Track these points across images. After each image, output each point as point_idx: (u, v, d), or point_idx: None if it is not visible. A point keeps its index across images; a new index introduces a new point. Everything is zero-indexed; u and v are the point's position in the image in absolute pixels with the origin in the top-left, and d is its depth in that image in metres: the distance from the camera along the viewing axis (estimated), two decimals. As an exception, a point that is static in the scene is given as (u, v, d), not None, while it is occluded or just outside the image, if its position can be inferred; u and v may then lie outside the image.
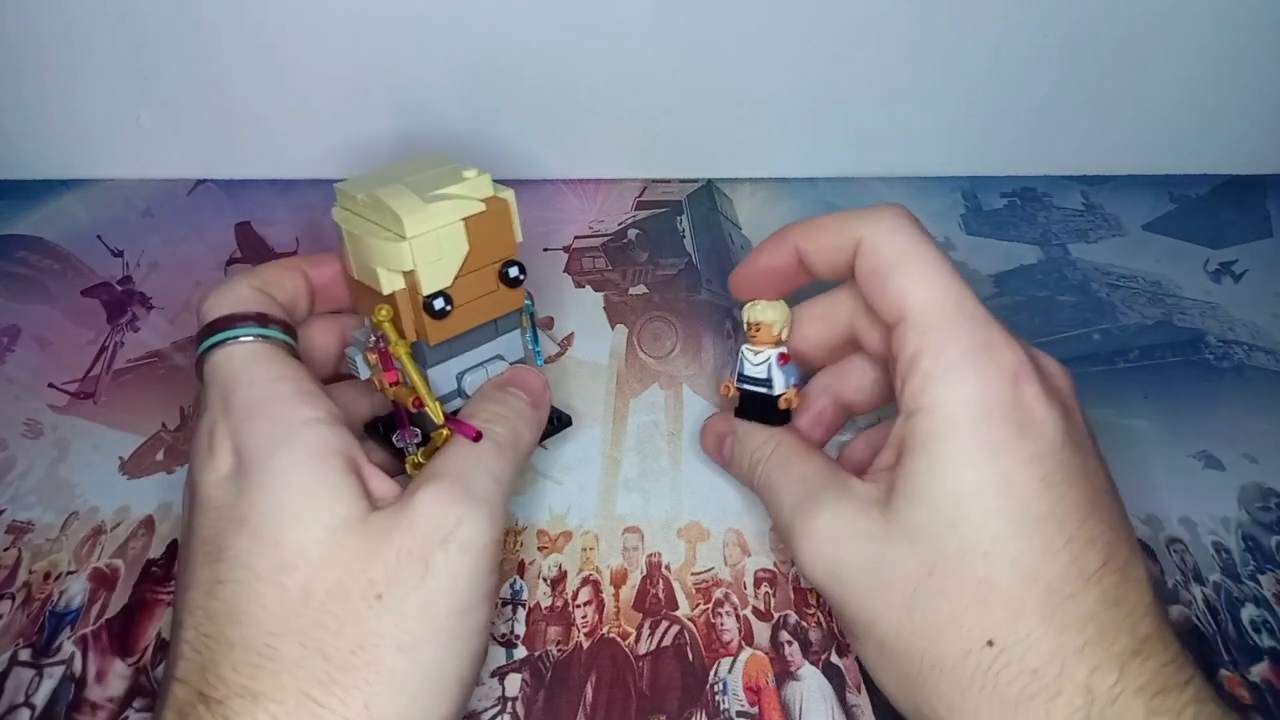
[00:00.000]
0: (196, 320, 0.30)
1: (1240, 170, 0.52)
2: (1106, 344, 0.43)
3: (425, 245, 0.28)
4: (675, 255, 0.47)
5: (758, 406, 0.33)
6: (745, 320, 0.33)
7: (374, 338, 0.31)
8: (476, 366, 0.33)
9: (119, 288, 0.45)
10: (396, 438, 0.31)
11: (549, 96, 0.48)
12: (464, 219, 0.29)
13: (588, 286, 0.46)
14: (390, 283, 0.29)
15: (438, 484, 0.27)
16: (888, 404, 0.34)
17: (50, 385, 0.41)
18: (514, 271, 0.31)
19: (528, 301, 0.33)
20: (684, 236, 0.49)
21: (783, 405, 0.32)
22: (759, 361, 0.33)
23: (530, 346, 0.35)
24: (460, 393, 0.33)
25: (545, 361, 0.41)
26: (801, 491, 0.29)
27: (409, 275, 0.29)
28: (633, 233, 0.49)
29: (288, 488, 0.26)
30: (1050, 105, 0.49)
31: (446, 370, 0.32)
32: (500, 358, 0.33)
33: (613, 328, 0.44)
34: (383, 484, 0.28)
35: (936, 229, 0.48)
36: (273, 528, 0.25)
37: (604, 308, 0.45)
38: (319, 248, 0.48)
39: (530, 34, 0.45)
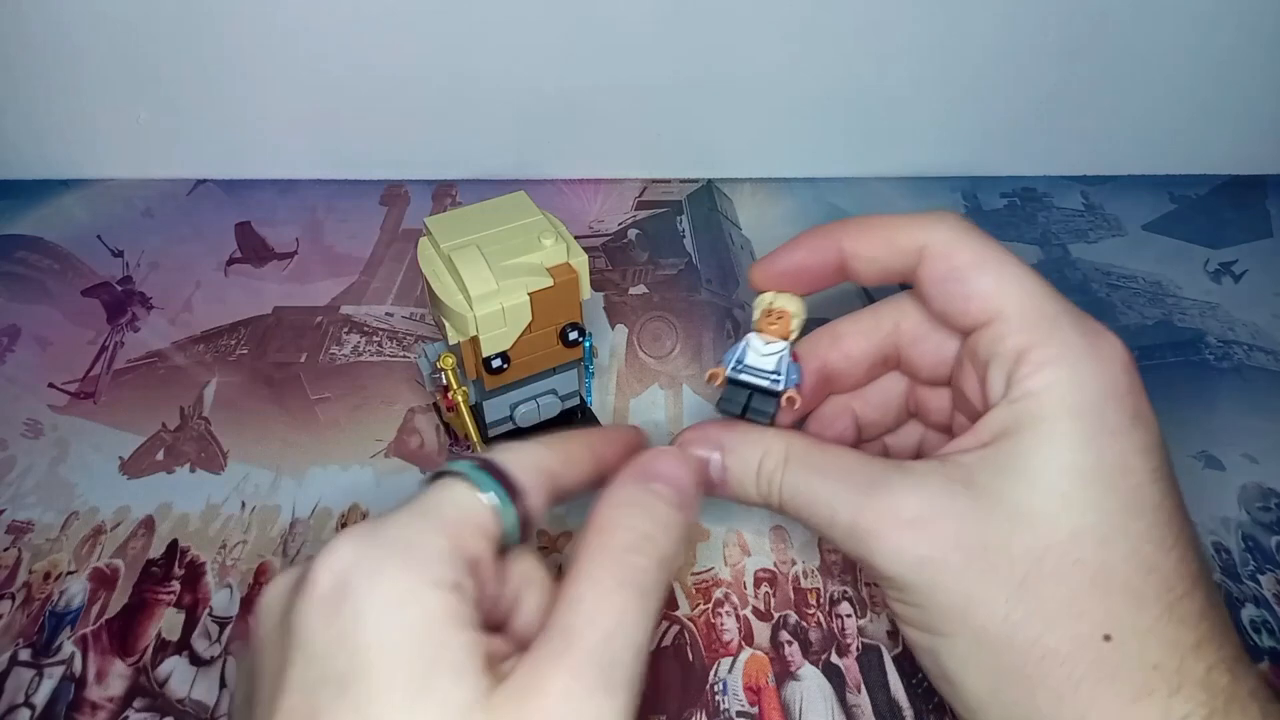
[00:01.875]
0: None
1: (1240, 170, 0.52)
2: (1106, 344, 0.43)
3: (490, 320, 0.29)
4: (675, 255, 0.47)
5: (748, 400, 0.29)
6: (765, 306, 0.30)
7: (438, 373, 0.32)
8: (529, 399, 0.34)
9: (119, 288, 0.45)
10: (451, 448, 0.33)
11: (550, 97, 0.48)
12: (530, 294, 0.30)
13: (588, 286, 0.46)
14: (455, 336, 0.30)
15: (569, 667, 0.20)
16: (904, 425, 0.33)
17: (50, 385, 0.41)
18: (573, 335, 0.32)
19: (587, 342, 0.33)
20: (684, 236, 0.49)
21: (784, 403, 0.29)
22: (770, 352, 0.29)
23: (586, 380, 0.36)
24: (510, 419, 0.33)
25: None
26: (856, 484, 0.26)
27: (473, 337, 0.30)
28: (633, 233, 0.49)
29: (399, 654, 0.20)
30: (1050, 105, 0.49)
31: (501, 400, 0.33)
32: (553, 392, 0.34)
33: (613, 328, 0.44)
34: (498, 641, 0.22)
35: (936, 229, 0.48)
36: (380, 707, 0.19)
37: (604, 308, 0.45)
38: (321, 247, 0.48)
39: (530, 35, 0.45)
